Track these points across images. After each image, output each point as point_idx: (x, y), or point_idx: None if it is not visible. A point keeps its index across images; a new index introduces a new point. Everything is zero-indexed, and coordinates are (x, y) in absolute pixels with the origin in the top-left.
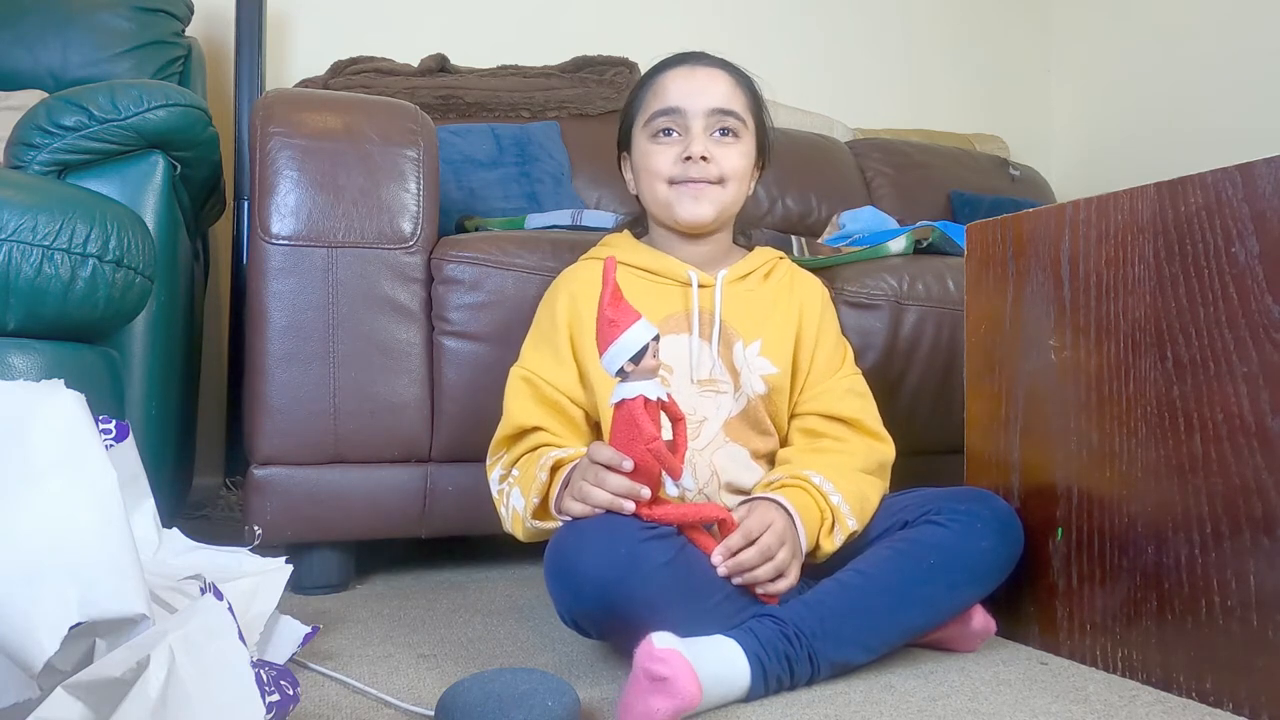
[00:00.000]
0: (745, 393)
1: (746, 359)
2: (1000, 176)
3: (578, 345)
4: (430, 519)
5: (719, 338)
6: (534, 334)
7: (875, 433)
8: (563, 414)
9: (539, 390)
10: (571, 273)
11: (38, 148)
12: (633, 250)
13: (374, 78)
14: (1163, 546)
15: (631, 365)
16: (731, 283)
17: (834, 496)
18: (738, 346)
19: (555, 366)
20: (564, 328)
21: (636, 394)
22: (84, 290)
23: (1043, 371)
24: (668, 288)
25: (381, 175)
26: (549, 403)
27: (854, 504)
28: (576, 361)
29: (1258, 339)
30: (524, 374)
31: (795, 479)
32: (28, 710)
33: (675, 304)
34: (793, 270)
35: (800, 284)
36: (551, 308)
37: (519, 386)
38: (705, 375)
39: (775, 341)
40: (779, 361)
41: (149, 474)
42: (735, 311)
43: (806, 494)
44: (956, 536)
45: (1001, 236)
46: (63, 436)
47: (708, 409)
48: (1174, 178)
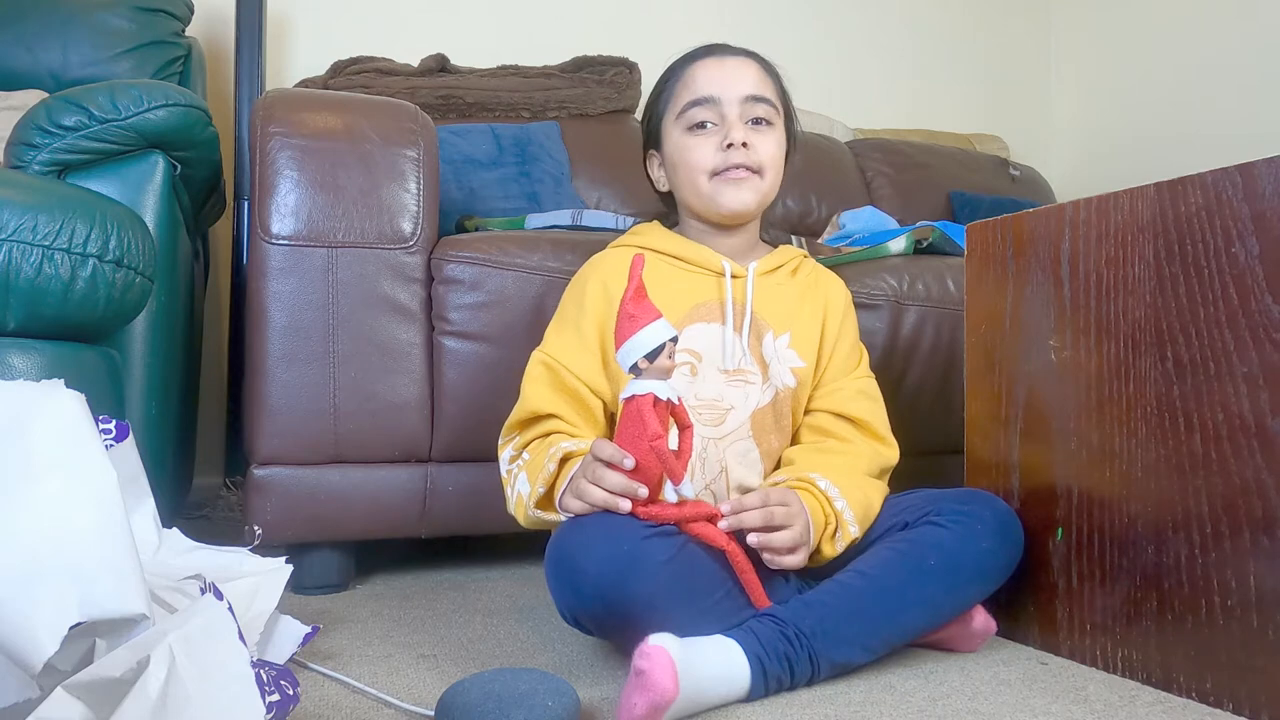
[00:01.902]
0: (774, 384)
1: (777, 351)
2: (1000, 176)
3: (606, 333)
4: (430, 519)
5: (750, 329)
6: (558, 319)
7: (882, 437)
8: (580, 402)
9: (558, 376)
10: (601, 259)
11: (38, 148)
12: (665, 239)
13: (374, 78)
14: (1163, 546)
15: (646, 362)
16: (762, 275)
17: (839, 502)
18: (768, 338)
19: (578, 353)
20: (591, 313)
21: (646, 391)
22: (84, 290)
23: (1043, 371)
24: (701, 276)
25: (381, 175)
26: (567, 390)
27: (858, 510)
28: (602, 349)
29: (1258, 339)
30: (545, 359)
31: (801, 481)
32: (28, 710)
33: (707, 293)
34: (817, 269)
35: (825, 283)
36: (580, 294)
37: (538, 371)
38: (734, 365)
39: (803, 336)
40: (806, 355)
41: (149, 474)
42: (766, 304)
43: (812, 497)
44: (957, 537)
45: (1001, 236)
46: (63, 436)
47: (735, 398)
48: (1174, 178)
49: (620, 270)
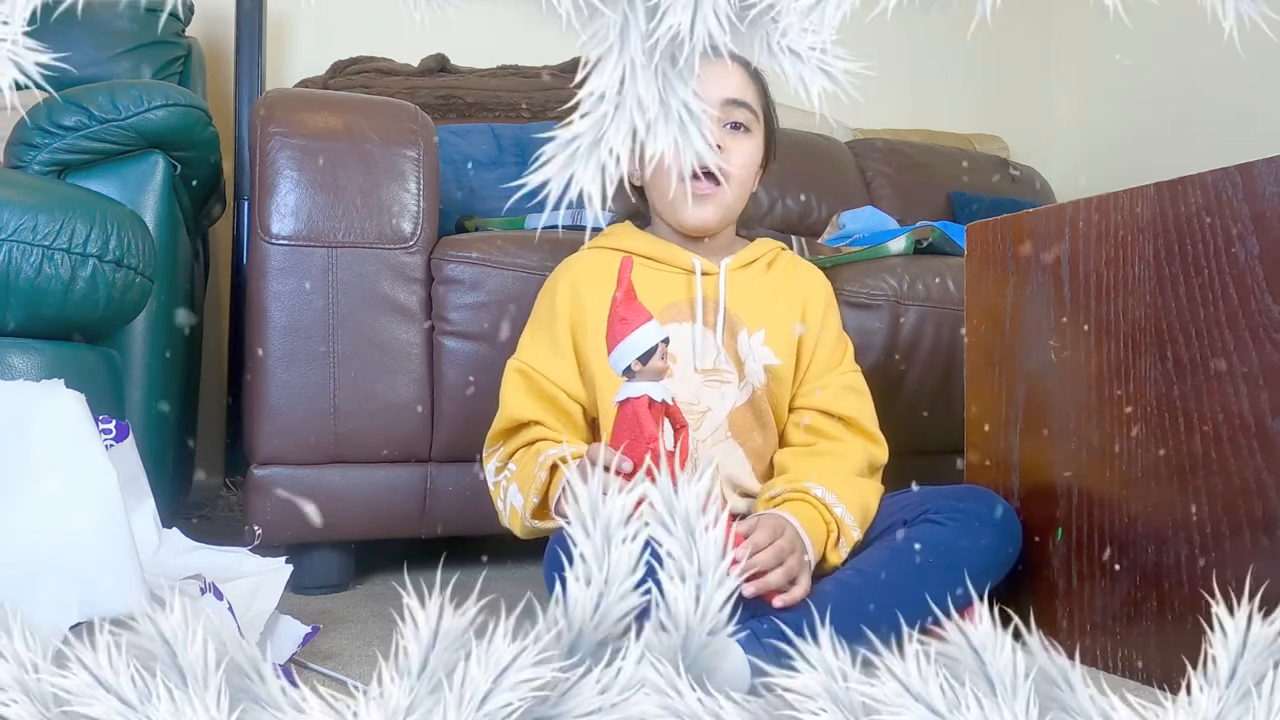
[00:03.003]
0: (750, 382)
1: (751, 347)
2: (1000, 176)
3: (578, 336)
4: (430, 519)
5: (723, 326)
6: (531, 326)
7: (870, 433)
8: (558, 408)
9: (534, 383)
10: (571, 262)
11: (38, 148)
12: (636, 239)
13: (374, 78)
14: (1163, 546)
15: (639, 365)
16: (735, 271)
17: (838, 508)
18: (742, 335)
19: (552, 359)
20: (563, 317)
21: (641, 394)
22: (84, 290)
23: (1043, 371)
24: (671, 275)
25: (381, 175)
26: (545, 397)
27: (858, 514)
28: (576, 354)
29: (1258, 339)
30: (520, 366)
31: (796, 492)
32: None
33: (677, 292)
34: (795, 261)
35: (803, 275)
36: (551, 298)
37: (514, 379)
38: (709, 364)
39: (779, 331)
40: (782, 352)
41: (149, 474)
42: (739, 300)
43: (810, 507)
44: (956, 536)
45: (1001, 236)
46: (63, 436)
47: (711, 399)
48: (1174, 178)
49: (590, 272)
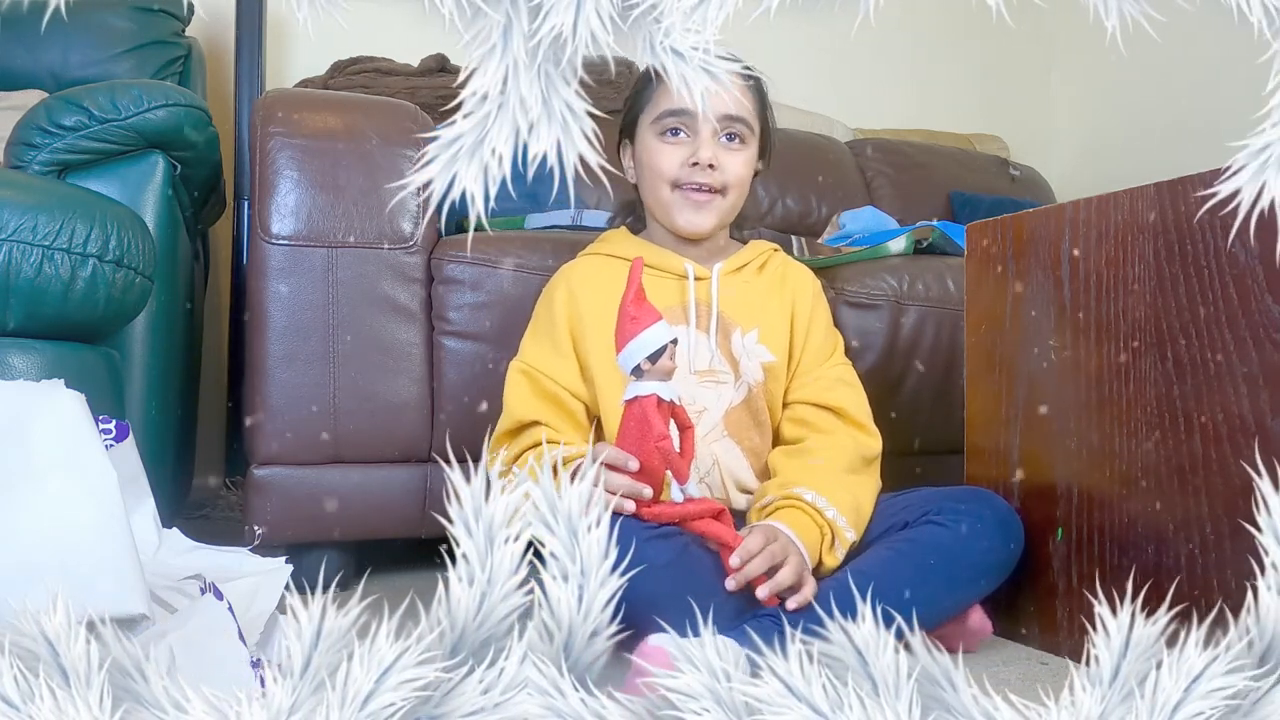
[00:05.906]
0: (746, 381)
1: (745, 347)
2: (1000, 176)
3: (577, 339)
4: (430, 519)
5: (717, 328)
6: (533, 328)
7: (862, 425)
8: (562, 408)
9: (538, 384)
10: (570, 268)
11: (38, 148)
12: (631, 245)
13: (374, 78)
14: (1163, 546)
15: (648, 364)
16: (727, 275)
17: (829, 511)
18: (735, 335)
19: (554, 360)
20: (563, 321)
21: (650, 393)
22: (84, 290)
23: (1043, 371)
24: (664, 280)
25: (381, 175)
26: (548, 396)
27: (850, 515)
28: (577, 355)
29: (1258, 339)
30: (522, 367)
31: (788, 499)
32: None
33: (671, 297)
34: (785, 262)
35: (792, 275)
36: (550, 302)
37: (518, 380)
38: (704, 366)
39: (771, 331)
40: (776, 349)
41: (149, 474)
42: (732, 302)
43: (802, 513)
44: (956, 536)
45: (1001, 236)
46: (63, 436)
47: (708, 399)
48: (1174, 178)
49: (588, 277)
